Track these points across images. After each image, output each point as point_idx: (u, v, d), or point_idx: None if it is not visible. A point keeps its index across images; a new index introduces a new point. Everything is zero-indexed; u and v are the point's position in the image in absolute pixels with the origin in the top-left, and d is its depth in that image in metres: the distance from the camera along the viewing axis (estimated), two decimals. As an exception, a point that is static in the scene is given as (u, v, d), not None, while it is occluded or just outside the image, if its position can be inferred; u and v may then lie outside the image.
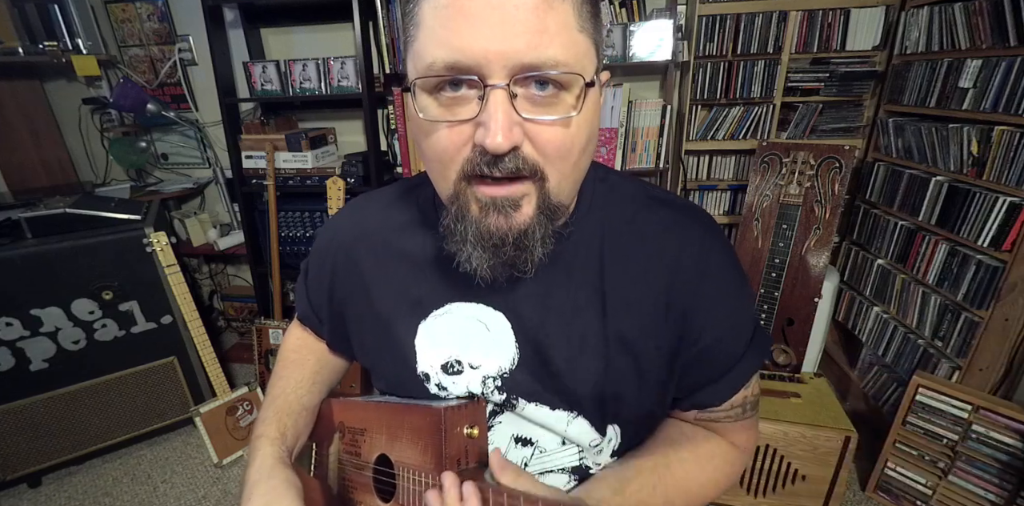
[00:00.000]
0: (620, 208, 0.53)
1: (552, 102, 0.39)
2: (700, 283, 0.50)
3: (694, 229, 0.52)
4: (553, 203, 0.43)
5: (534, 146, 0.40)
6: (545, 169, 0.41)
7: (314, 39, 2.05)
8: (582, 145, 0.42)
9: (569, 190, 0.45)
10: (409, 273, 0.55)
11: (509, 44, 0.35)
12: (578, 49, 0.38)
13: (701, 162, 1.97)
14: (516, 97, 0.38)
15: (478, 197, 0.41)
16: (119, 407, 1.66)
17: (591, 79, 0.39)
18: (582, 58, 0.38)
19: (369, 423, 0.57)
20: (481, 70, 0.36)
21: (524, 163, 0.39)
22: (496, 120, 0.36)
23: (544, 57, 0.36)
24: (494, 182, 0.40)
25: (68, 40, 2.02)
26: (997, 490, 1.20)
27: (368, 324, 0.58)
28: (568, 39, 0.37)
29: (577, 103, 0.39)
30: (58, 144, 2.22)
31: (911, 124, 1.52)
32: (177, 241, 2.17)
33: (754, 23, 1.67)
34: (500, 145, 0.37)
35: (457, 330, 0.53)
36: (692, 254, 0.50)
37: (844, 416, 1.32)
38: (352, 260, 0.59)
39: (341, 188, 1.79)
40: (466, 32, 0.35)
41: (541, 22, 0.35)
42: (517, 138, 0.38)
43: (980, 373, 1.29)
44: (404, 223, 0.57)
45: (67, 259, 1.48)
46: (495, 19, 0.35)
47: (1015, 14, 1.19)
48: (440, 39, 0.37)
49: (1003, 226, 1.21)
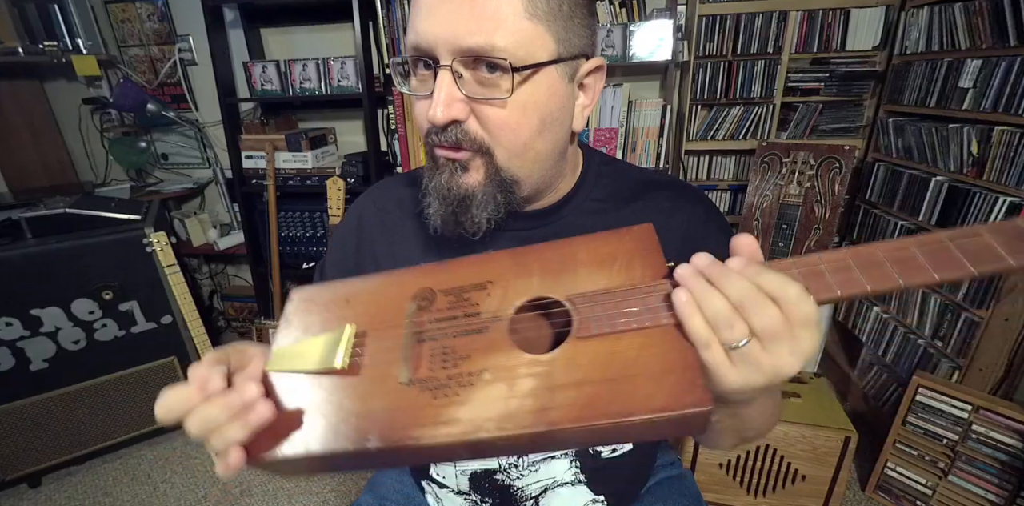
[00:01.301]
0: (624, 188, 0.57)
1: (495, 84, 0.43)
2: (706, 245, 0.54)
3: (697, 207, 0.57)
4: (505, 176, 0.47)
5: (480, 123, 0.45)
6: (491, 144, 0.46)
7: (314, 39, 2.05)
8: (532, 126, 0.46)
9: (527, 167, 0.48)
10: (417, 250, 0.59)
11: (452, 30, 0.41)
12: (523, 35, 0.41)
13: (701, 162, 1.97)
14: (462, 77, 0.43)
15: (435, 157, 0.48)
16: (119, 407, 1.66)
17: (533, 63, 0.42)
18: (527, 44, 0.42)
19: (496, 273, 0.45)
20: (432, 52, 0.42)
21: (465, 135, 0.45)
22: (437, 96, 0.43)
23: (480, 42, 0.40)
24: (445, 147, 0.47)
25: (68, 40, 2.02)
26: (997, 490, 1.20)
27: None
28: (512, 26, 0.41)
29: (510, 86, 0.42)
30: (58, 144, 2.22)
31: (911, 124, 1.52)
32: (177, 241, 2.17)
33: (754, 23, 1.67)
34: (436, 118, 0.43)
35: None
36: (697, 229, 0.55)
37: (844, 416, 1.32)
38: (369, 239, 0.62)
39: (341, 188, 1.79)
40: (424, 19, 0.42)
41: (484, 11, 0.40)
42: (457, 113, 0.43)
43: (980, 373, 1.29)
44: (415, 202, 0.60)
45: (67, 259, 1.48)
46: (444, 8, 0.41)
47: (1015, 14, 1.19)
48: (412, 24, 0.43)
49: (1003, 226, 1.21)
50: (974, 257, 0.31)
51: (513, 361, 0.39)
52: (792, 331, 0.32)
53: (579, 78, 0.48)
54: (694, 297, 0.33)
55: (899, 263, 0.32)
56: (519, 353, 0.40)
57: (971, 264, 0.31)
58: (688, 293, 0.34)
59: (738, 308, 0.32)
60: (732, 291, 0.32)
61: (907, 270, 0.32)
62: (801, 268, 0.34)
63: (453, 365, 0.41)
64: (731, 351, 0.33)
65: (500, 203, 0.48)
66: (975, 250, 0.31)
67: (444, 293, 0.45)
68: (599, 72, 0.49)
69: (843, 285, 0.33)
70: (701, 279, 0.34)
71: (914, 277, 0.32)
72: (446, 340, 0.43)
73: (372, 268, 0.60)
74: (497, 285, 0.44)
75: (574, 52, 0.45)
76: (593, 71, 0.49)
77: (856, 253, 0.33)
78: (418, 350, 0.42)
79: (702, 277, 0.34)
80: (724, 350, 0.33)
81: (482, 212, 0.48)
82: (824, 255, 0.34)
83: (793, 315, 0.31)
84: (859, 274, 0.33)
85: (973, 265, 0.31)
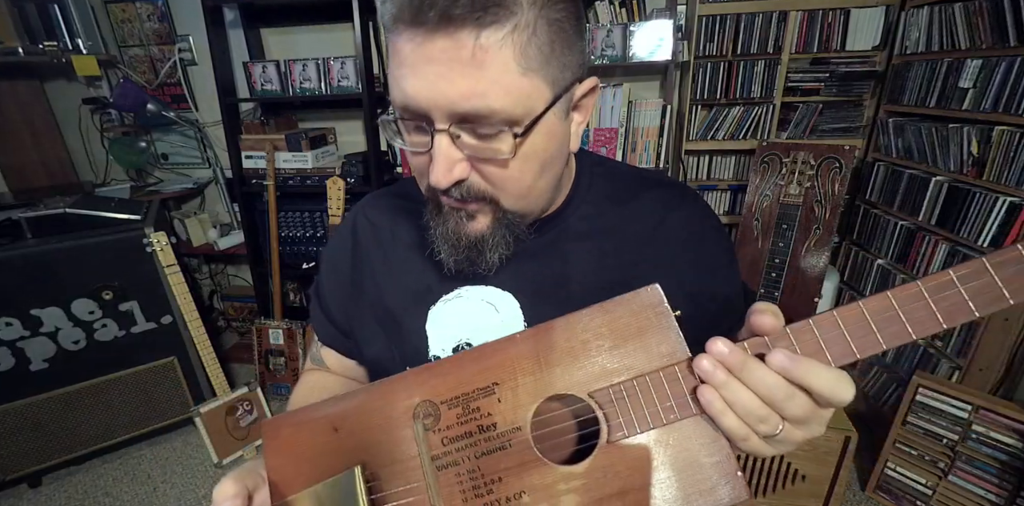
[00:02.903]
0: (618, 188, 0.57)
1: (494, 141, 0.41)
2: (702, 251, 0.55)
3: (694, 206, 0.57)
4: (512, 217, 0.47)
5: (482, 176, 0.44)
6: (496, 195, 0.45)
7: (314, 39, 2.05)
8: (534, 172, 0.45)
9: (532, 203, 0.49)
10: (418, 262, 0.58)
11: (445, 95, 0.38)
12: (519, 93, 0.39)
13: (701, 162, 1.97)
14: (459, 137, 0.41)
15: (440, 205, 0.47)
16: (119, 407, 1.66)
17: (532, 118, 0.41)
18: (524, 99, 0.40)
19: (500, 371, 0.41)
20: (426, 115, 0.40)
21: (470, 192, 0.44)
22: (437, 162, 0.41)
23: (477, 106, 0.38)
24: (451, 199, 0.46)
25: (68, 40, 2.02)
26: (997, 490, 1.20)
27: (380, 317, 0.59)
28: (507, 85, 0.38)
29: (512, 148, 0.41)
30: (58, 144, 2.22)
31: (911, 124, 1.52)
32: (177, 241, 2.17)
33: (754, 23, 1.67)
34: (439, 183, 0.42)
35: (467, 313, 0.55)
36: (692, 226, 0.55)
37: (844, 416, 1.32)
38: (365, 255, 0.61)
39: (341, 188, 1.79)
40: (411, 82, 0.39)
41: (476, 73, 0.37)
42: (459, 174, 0.42)
43: (980, 373, 1.29)
44: (409, 213, 0.60)
45: (67, 259, 1.48)
46: (432, 72, 0.38)
47: (1015, 14, 1.19)
48: (396, 81, 0.41)
49: (1003, 226, 1.22)
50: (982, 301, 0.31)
51: (549, 478, 0.38)
52: (821, 412, 0.33)
53: (573, 103, 0.46)
54: (721, 395, 0.34)
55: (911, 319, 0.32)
56: (551, 467, 0.38)
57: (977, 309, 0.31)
58: (714, 391, 0.34)
59: (768, 402, 0.33)
60: (761, 387, 0.33)
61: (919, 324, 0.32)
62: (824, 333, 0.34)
63: (487, 491, 0.39)
64: (767, 438, 0.35)
65: (510, 241, 0.48)
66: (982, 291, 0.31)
67: (448, 405, 0.41)
68: (593, 92, 0.48)
69: (862, 348, 0.33)
70: (723, 372, 0.34)
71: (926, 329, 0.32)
72: (469, 463, 0.40)
73: (369, 283, 0.60)
74: (504, 386, 0.40)
75: (567, 84, 0.43)
76: (587, 93, 0.47)
77: (872, 308, 0.33)
78: (443, 480, 0.40)
79: (723, 369, 0.34)
80: (761, 440, 0.35)
81: (494, 253, 0.48)
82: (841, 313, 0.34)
83: (825, 400, 0.32)
84: (877, 335, 0.33)
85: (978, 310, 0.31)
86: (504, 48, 0.37)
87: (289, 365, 2.00)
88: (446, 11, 0.35)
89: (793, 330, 0.34)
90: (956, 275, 0.31)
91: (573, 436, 0.42)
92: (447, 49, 0.37)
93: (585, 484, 0.37)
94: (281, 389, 2.03)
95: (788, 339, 0.34)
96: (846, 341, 0.33)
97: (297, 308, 2.30)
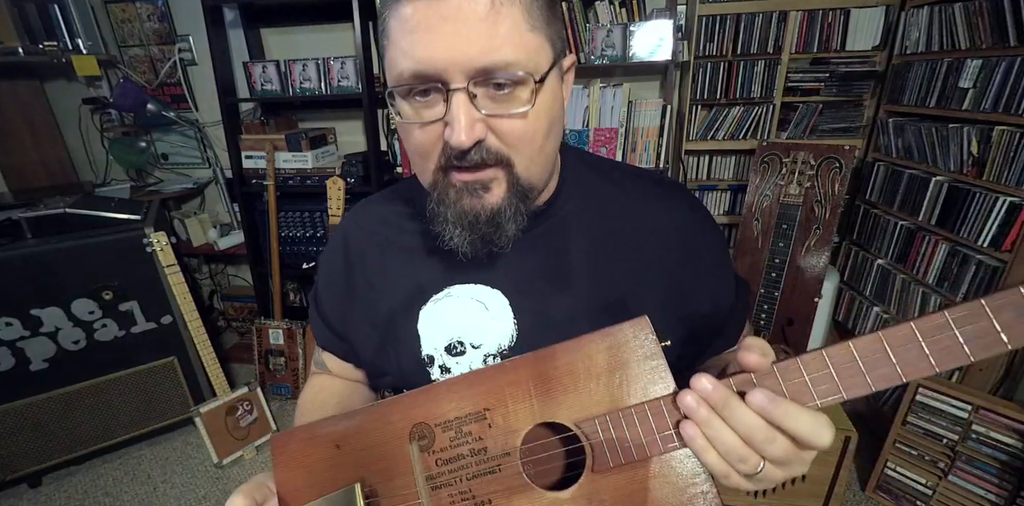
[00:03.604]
0: (604, 183, 0.57)
1: (510, 97, 0.42)
2: (692, 245, 0.55)
3: (683, 200, 0.58)
4: (524, 185, 0.47)
5: (498, 137, 0.44)
6: (511, 156, 0.45)
7: (314, 39, 2.05)
8: (544, 130, 0.46)
9: (539, 171, 0.49)
10: (409, 262, 0.58)
11: (463, 52, 0.39)
12: (529, 48, 0.41)
13: (701, 162, 1.97)
14: (476, 96, 0.42)
15: (453, 183, 0.46)
16: (119, 407, 1.66)
17: (543, 73, 0.43)
18: (534, 55, 0.42)
19: (491, 397, 0.42)
20: (442, 77, 0.40)
21: (488, 153, 0.44)
22: (459, 120, 0.41)
23: (496, 60, 0.40)
24: (465, 170, 0.45)
25: (68, 40, 2.02)
26: (997, 490, 1.20)
27: (373, 320, 0.60)
28: (519, 41, 0.40)
29: (531, 98, 0.42)
30: (58, 144, 2.22)
31: (911, 124, 1.52)
32: (177, 241, 2.17)
33: (754, 23, 1.67)
34: (463, 142, 0.41)
35: (457, 312, 0.55)
36: (682, 220, 0.56)
37: (844, 416, 1.32)
38: (358, 261, 0.61)
39: (341, 188, 1.79)
40: (426, 44, 0.40)
41: (491, 29, 0.39)
42: (480, 133, 0.42)
43: (980, 373, 1.29)
44: (400, 217, 0.61)
45: (67, 259, 1.48)
46: (448, 30, 0.39)
47: (1015, 14, 1.19)
48: (405, 51, 0.41)
49: (1003, 226, 1.22)
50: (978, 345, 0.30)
51: (536, 503, 0.39)
52: (801, 454, 0.34)
53: (562, 73, 0.49)
54: (703, 432, 0.35)
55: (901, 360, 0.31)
56: (539, 493, 0.40)
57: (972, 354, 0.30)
58: (696, 428, 0.35)
59: (748, 442, 0.33)
60: (741, 427, 0.33)
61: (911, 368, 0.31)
62: (811, 374, 0.33)
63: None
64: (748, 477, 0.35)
65: (523, 212, 0.48)
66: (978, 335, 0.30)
67: (442, 428, 0.43)
68: (571, 68, 0.51)
69: (849, 389, 0.33)
70: (706, 408, 0.35)
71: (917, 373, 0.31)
72: (461, 484, 0.42)
73: (363, 288, 0.60)
74: (496, 412, 0.42)
75: (559, 51, 0.46)
76: (569, 66, 0.50)
77: (863, 349, 0.32)
78: (437, 499, 0.42)
79: (706, 406, 0.35)
80: (742, 477, 0.35)
81: (511, 224, 0.47)
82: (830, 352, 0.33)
83: (805, 444, 0.33)
84: (866, 377, 0.32)
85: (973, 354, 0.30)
86: (514, 5, 0.40)
87: (289, 365, 2.00)
88: None
89: (780, 368, 0.34)
90: (952, 317, 0.30)
91: (561, 464, 0.44)
92: (462, 6, 0.38)
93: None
94: (281, 389, 2.03)
95: (775, 377, 0.34)
96: (833, 381, 0.33)
97: (297, 308, 2.30)
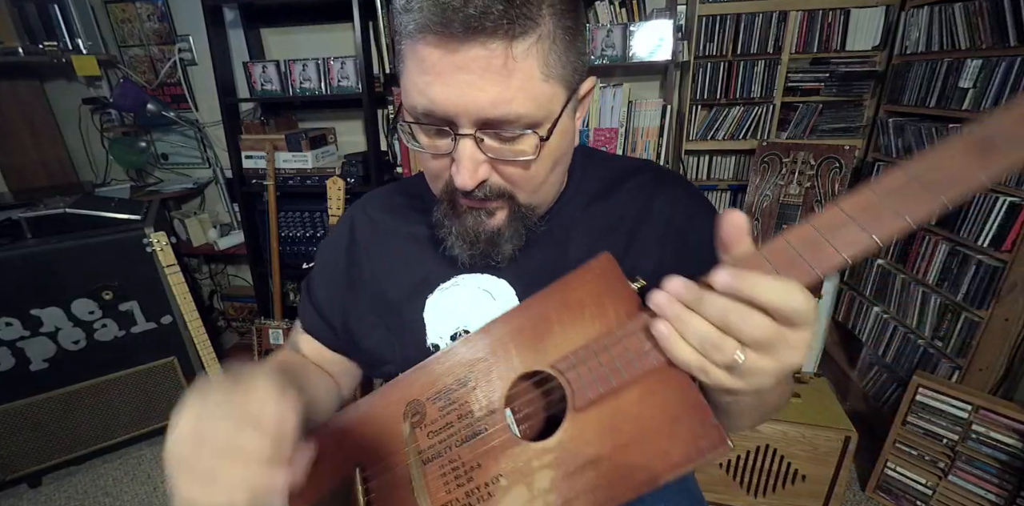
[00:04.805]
0: (607, 179, 0.59)
1: (516, 143, 0.43)
2: (690, 229, 0.55)
3: (676, 189, 0.59)
4: (526, 211, 0.49)
5: (502, 177, 0.46)
6: (514, 192, 0.47)
7: (314, 39, 2.05)
8: (548, 169, 0.47)
9: (543, 198, 0.51)
10: (415, 253, 0.59)
11: (474, 102, 0.39)
12: (541, 99, 0.41)
13: (701, 162, 1.97)
14: (483, 140, 0.43)
15: (459, 204, 0.48)
16: (119, 407, 1.66)
17: (551, 124, 0.43)
18: (546, 104, 0.42)
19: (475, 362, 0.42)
20: (451, 121, 0.41)
21: (491, 191, 0.46)
22: (463, 164, 0.42)
23: (505, 113, 0.40)
24: (471, 200, 0.47)
25: (68, 40, 2.02)
26: (997, 490, 1.20)
27: (379, 309, 0.60)
28: (531, 93, 0.40)
29: (535, 150, 0.43)
30: (58, 144, 2.22)
31: (911, 124, 1.52)
32: (177, 241, 2.16)
33: (754, 23, 1.67)
34: (466, 185, 0.43)
35: (464, 301, 0.56)
36: (680, 207, 0.56)
37: (844, 416, 1.32)
38: (363, 251, 0.62)
39: (341, 188, 1.79)
40: (438, 89, 0.40)
41: (504, 81, 0.39)
42: (483, 175, 0.44)
43: (980, 373, 1.29)
44: (407, 208, 0.62)
45: (67, 259, 1.48)
46: (462, 80, 0.39)
47: (1015, 14, 1.19)
48: (418, 88, 0.41)
49: (1003, 226, 1.21)
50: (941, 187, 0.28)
51: (523, 457, 0.38)
52: (786, 333, 0.30)
53: (577, 100, 0.48)
54: (673, 326, 0.32)
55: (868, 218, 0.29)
56: (525, 446, 0.38)
57: (942, 195, 0.28)
58: (667, 324, 0.33)
59: (723, 327, 0.31)
60: (712, 311, 0.31)
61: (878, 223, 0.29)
62: (774, 258, 0.31)
63: (467, 479, 0.39)
64: (730, 369, 0.32)
65: (523, 233, 0.51)
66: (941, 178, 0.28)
67: (432, 400, 0.43)
68: (591, 90, 0.50)
69: (819, 263, 0.30)
70: (678, 305, 0.32)
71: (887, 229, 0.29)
72: (450, 453, 0.41)
73: (368, 277, 0.61)
74: (479, 373, 0.42)
75: (576, 84, 0.45)
76: (587, 92, 0.49)
77: (822, 223, 0.30)
78: (428, 473, 0.41)
79: (678, 303, 0.32)
80: (722, 370, 0.32)
81: (509, 245, 0.50)
82: (791, 234, 0.31)
83: (783, 317, 0.30)
84: (830, 245, 0.30)
85: (946, 194, 0.28)
86: (530, 57, 0.39)
87: (289, 365, 2.00)
88: (480, 22, 0.36)
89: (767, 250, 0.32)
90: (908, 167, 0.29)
91: (548, 414, 0.43)
92: (479, 58, 0.38)
93: (557, 457, 0.36)
94: (281, 389, 2.02)
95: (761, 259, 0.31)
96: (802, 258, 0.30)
97: (297, 308, 2.29)
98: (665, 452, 0.33)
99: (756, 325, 0.30)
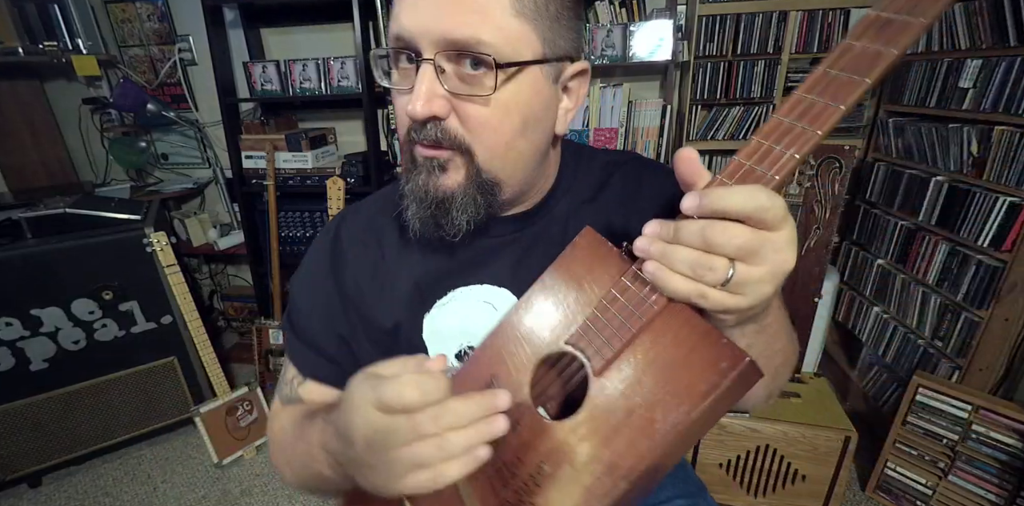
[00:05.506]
0: (596, 175, 0.58)
1: (478, 81, 0.42)
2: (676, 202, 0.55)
3: (658, 174, 0.59)
4: (485, 178, 0.46)
5: (460, 120, 0.44)
6: (471, 143, 0.44)
7: (314, 39, 2.05)
8: (513, 126, 0.44)
9: (507, 168, 0.47)
10: (404, 268, 0.56)
11: (438, 22, 0.39)
12: (508, 33, 0.40)
13: (701, 162, 1.96)
14: (444, 72, 0.42)
15: (416, 157, 0.47)
16: (119, 407, 1.66)
17: (515, 61, 0.42)
18: (513, 42, 0.41)
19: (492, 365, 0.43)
20: (415, 44, 0.41)
21: (445, 133, 0.44)
22: (418, 90, 0.41)
23: (467, 36, 0.39)
24: (425, 145, 0.45)
25: (68, 40, 2.02)
26: (997, 490, 1.20)
27: (373, 337, 0.57)
28: (498, 23, 0.40)
29: (494, 84, 0.41)
30: (58, 144, 2.22)
31: (911, 124, 1.52)
32: (177, 241, 2.16)
33: (754, 23, 1.67)
34: (416, 111, 0.41)
35: (463, 316, 0.54)
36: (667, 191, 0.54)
37: (844, 416, 1.32)
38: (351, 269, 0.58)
39: (341, 188, 1.79)
40: (408, 11, 0.41)
41: (471, 4, 0.39)
42: (437, 109, 0.42)
43: (980, 373, 1.29)
44: (393, 221, 0.58)
45: (67, 259, 1.48)
46: (430, 3, 0.40)
47: (1015, 14, 1.19)
48: (395, 15, 0.42)
49: (1003, 226, 1.21)
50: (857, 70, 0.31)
51: (558, 437, 0.38)
52: (767, 235, 0.31)
53: (563, 80, 0.47)
54: (661, 263, 0.33)
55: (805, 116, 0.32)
56: (557, 425, 0.38)
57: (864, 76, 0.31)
58: (653, 262, 0.34)
59: (705, 248, 0.31)
60: (690, 237, 0.32)
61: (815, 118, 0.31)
62: (731, 177, 0.34)
63: (511, 475, 0.39)
64: (726, 287, 0.32)
65: (480, 205, 0.47)
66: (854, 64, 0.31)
67: None
68: (583, 76, 0.49)
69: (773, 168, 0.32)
70: (659, 242, 0.33)
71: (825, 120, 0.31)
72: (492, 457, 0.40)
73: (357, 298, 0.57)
74: (500, 372, 0.42)
75: (559, 54, 0.45)
76: (578, 74, 0.48)
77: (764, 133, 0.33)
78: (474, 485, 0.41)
79: (659, 241, 0.33)
80: (719, 291, 0.32)
81: (462, 214, 0.47)
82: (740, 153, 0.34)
83: (757, 220, 0.30)
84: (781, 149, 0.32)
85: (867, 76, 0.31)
86: None
87: (289, 365, 2.00)
88: None
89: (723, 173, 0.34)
90: None
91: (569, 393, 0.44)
92: None
93: (591, 427, 0.36)
94: (281, 389, 2.03)
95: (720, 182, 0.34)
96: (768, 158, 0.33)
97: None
98: (690, 386, 0.33)
99: (735, 234, 0.30)
